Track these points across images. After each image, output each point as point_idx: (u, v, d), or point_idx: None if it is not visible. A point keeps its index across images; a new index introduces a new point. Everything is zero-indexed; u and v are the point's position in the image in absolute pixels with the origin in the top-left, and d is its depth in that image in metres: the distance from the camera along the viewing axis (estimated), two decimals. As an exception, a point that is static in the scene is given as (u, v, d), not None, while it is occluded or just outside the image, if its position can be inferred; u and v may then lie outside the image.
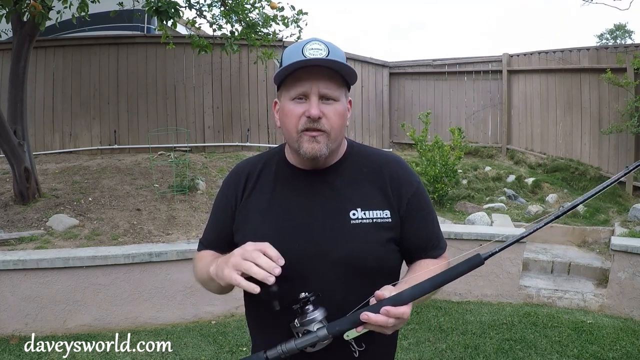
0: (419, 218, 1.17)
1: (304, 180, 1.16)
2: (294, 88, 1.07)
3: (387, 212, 1.12)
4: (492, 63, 8.48)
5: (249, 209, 1.17)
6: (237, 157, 6.89)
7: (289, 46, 1.12)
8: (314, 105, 1.05)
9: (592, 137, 6.93)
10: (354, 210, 1.11)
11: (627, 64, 6.14)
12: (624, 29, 25.48)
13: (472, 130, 8.61)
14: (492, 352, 3.25)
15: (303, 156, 1.09)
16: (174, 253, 3.82)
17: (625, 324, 3.71)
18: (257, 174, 1.20)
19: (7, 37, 6.61)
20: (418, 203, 1.17)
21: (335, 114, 1.08)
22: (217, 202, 1.26)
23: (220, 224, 1.22)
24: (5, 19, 4.62)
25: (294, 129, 1.08)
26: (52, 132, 6.92)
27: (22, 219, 4.61)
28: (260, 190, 1.18)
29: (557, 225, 5.61)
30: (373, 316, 0.93)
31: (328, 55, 1.05)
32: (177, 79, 7.20)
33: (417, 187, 1.18)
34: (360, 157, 1.20)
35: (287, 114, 1.09)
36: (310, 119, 1.05)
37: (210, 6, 5.83)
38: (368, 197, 1.13)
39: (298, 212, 1.13)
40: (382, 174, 1.16)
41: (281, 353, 0.97)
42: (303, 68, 1.05)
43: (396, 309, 0.93)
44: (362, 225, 1.10)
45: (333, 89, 1.07)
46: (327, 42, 1.08)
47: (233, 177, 1.24)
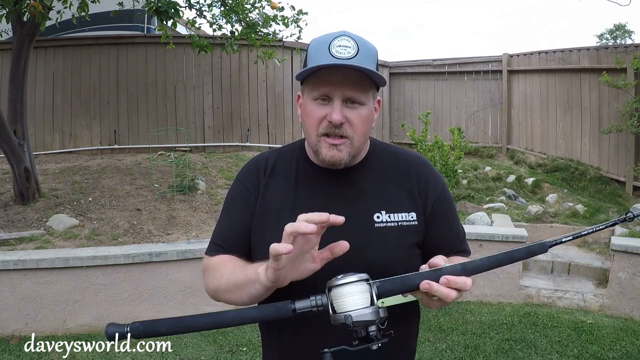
0: (444, 221, 1.11)
1: (327, 180, 1.08)
2: (317, 88, 0.99)
3: (413, 215, 1.06)
4: (492, 63, 8.48)
5: (268, 206, 1.09)
6: (237, 157, 6.89)
7: (315, 38, 1.02)
8: (336, 110, 0.97)
9: (592, 137, 6.93)
10: (378, 213, 1.05)
11: (626, 64, 6.14)
12: (624, 29, 25.49)
13: (472, 130, 8.61)
14: (492, 352, 3.25)
15: (322, 161, 1.03)
16: (174, 253, 3.82)
17: (625, 324, 3.71)
18: (272, 167, 1.13)
19: (7, 37, 6.61)
20: (444, 205, 1.11)
21: (359, 119, 1.00)
22: (233, 197, 1.15)
23: (240, 220, 1.11)
24: (5, 19, 4.63)
25: (314, 132, 1.01)
26: (52, 132, 6.92)
27: (22, 219, 4.61)
28: (279, 187, 1.10)
29: (557, 225, 5.61)
30: (435, 285, 0.82)
31: (357, 53, 0.95)
32: (177, 79, 7.20)
33: (442, 189, 1.13)
34: (385, 157, 1.13)
35: (308, 114, 1.02)
36: (332, 124, 0.98)
37: (210, 6, 5.83)
38: (394, 199, 1.07)
39: None
40: (409, 175, 1.10)
41: (313, 306, 0.83)
42: (328, 68, 0.96)
43: (459, 278, 0.83)
44: (387, 229, 1.04)
45: (359, 93, 0.98)
46: (357, 37, 0.98)
47: (252, 166, 1.15)
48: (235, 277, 0.98)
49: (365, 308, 0.80)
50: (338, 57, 0.94)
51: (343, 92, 0.97)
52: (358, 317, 0.79)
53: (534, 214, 5.87)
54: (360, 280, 0.82)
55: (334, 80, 0.97)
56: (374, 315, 0.80)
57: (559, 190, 6.64)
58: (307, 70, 0.97)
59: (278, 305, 0.85)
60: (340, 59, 0.94)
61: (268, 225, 1.07)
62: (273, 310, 0.85)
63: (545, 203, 6.33)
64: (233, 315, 0.86)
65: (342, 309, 0.81)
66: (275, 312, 0.85)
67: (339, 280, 0.82)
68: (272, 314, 0.85)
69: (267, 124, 7.67)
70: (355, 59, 0.95)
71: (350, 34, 0.98)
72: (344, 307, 0.80)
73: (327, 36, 0.98)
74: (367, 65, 0.95)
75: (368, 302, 0.81)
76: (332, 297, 0.82)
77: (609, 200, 6.25)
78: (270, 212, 1.08)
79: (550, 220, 5.80)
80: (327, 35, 0.99)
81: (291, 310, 0.83)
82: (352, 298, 0.81)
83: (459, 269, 0.84)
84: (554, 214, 5.94)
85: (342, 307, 0.81)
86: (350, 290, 0.81)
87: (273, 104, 7.68)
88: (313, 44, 1.01)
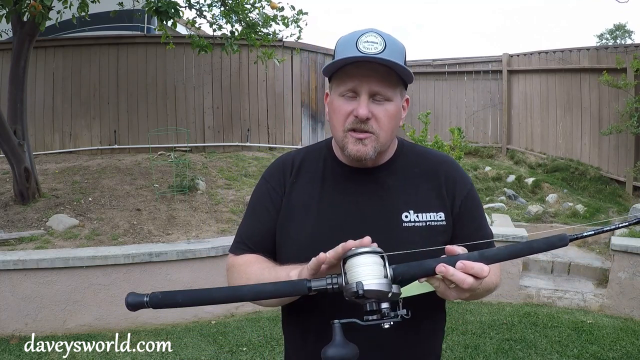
0: (471, 220, 1.10)
1: (354, 179, 1.08)
2: (344, 84, 0.99)
3: (441, 215, 1.05)
4: (492, 63, 8.48)
5: (294, 205, 1.08)
6: (237, 157, 6.89)
7: (342, 36, 1.02)
8: (362, 104, 0.97)
9: (592, 137, 6.93)
10: (406, 212, 1.04)
11: (626, 64, 6.14)
12: (624, 29, 25.51)
13: (472, 130, 8.61)
14: (492, 352, 3.25)
15: (347, 156, 1.03)
16: (174, 253, 3.82)
17: (625, 324, 3.71)
18: (298, 165, 1.13)
19: (7, 37, 6.61)
20: (471, 205, 1.10)
21: (385, 115, 0.99)
22: (258, 195, 1.15)
23: (266, 219, 1.10)
24: (5, 19, 4.62)
25: (340, 127, 1.01)
26: (52, 132, 6.92)
27: (22, 219, 4.61)
28: (305, 186, 1.10)
29: (557, 225, 5.61)
30: (451, 269, 0.80)
31: (384, 49, 0.95)
32: (177, 79, 7.20)
33: (470, 189, 1.11)
34: (413, 156, 1.13)
35: (335, 110, 1.02)
36: (358, 119, 0.98)
37: (210, 6, 5.83)
38: (422, 199, 1.06)
39: (347, 213, 1.05)
40: (437, 174, 1.09)
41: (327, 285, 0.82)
42: (355, 63, 0.96)
43: (475, 263, 0.81)
44: (415, 229, 1.03)
45: (386, 88, 0.98)
46: (385, 34, 0.98)
47: (279, 166, 1.15)
48: (264, 279, 0.98)
49: (378, 278, 0.79)
50: (365, 52, 0.94)
51: (370, 87, 0.97)
52: (369, 285, 0.77)
53: (534, 214, 5.87)
54: (374, 251, 0.81)
55: (360, 75, 0.97)
56: (387, 287, 0.78)
57: (559, 190, 6.63)
58: (334, 64, 0.97)
59: (294, 282, 0.85)
60: (367, 54, 0.94)
61: (293, 224, 1.07)
62: (288, 287, 0.85)
63: (545, 203, 6.33)
64: (249, 289, 0.86)
65: (354, 279, 0.79)
66: (290, 288, 0.85)
67: (353, 251, 0.81)
68: (288, 289, 0.85)
69: (267, 124, 7.67)
70: (383, 55, 0.94)
71: (378, 31, 0.98)
72: (356, 277, 0.79)
73: (355, 33, 0.99)
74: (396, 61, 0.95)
75: (381, 274, 0.80)
76: (346, 269, 0.81)
77: (609, 200, 6.25)
78: (296, 211, 1.08)
79: (550, 220, 5.80)
80: (355, 33, 0.99)
81: (306, 288, 0.83)
82: (364, 268, 0.79)
83: (476, 256, 0.83)
84: (554, 214, 5.94)
85: (355, 276, 0.79)
86: (363, 260, 0.80)
87: (273, 104, 7.68)
88: (340, 41, 1.01)
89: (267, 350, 3.32)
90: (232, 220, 5.06)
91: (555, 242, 0.84)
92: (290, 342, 1.15)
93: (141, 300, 0.87)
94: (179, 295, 0.87)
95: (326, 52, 8.01)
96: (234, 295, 0.87)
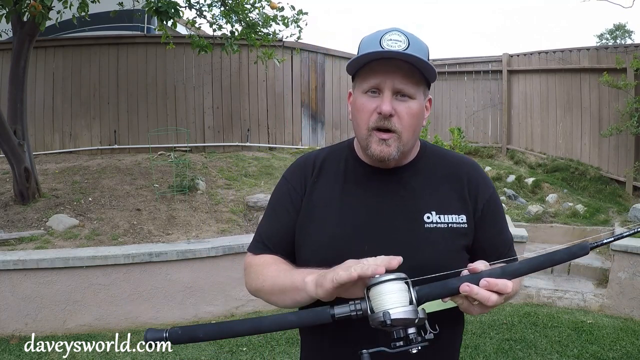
0: (493, 224, 1.09)
1: (376, 179, 1.08)
2: (367, 81, 0.99)
3: (463, 217, 1.05)
4: (492, 63, 8.48)
5: (315, 205, 1.08)
6: (237, 157, 6.89)
7: (366, 35, 1.03)
8: (386, 101, 0.97)
9: (592, 137, 6.93)
10: (428, 213, 1.03)
11: (626, 64, 6.14)
12: (623, 29, 25.50)
13: (472, 130, 8.61)
14: (492, 352, 3.25)
15: (370, 156, 1.03)
16: (174, 253, 3.82)
17: (625, 324, 3.71)
18: (319, 165, 1.12)
19: (7, 37, 6.61)
20: (493, 209, 1.10)
21: (408, 113, 0.99)
22: (278, 195, 1.15)
23: (286, 219, 1.10)
24: (5, 19, 4.62)
25: (364, 125, 1.01)
26: (52, 132, 6.92)
27: (22, 219, 4.61)
28: (327, 186, 1.10)
29: (557, 225, 5.62)
30: (476, 288, 0.81)
31: (407, 47, 0.96)
32: (177, 79, 7.20)
33: (492, 191, 1.11)
34: (435, 158, 1.13)
35: (358, 108, 1.02)
36: (382, 115, 0.97)
37: (210, 6, 5.83)
38: (444, 201, 1.05)
39: (368, 213, 1.04)
40: (459, 176, 1.09)
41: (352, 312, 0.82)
42: (378, 60, 0.97)
43: (499, 280, 0.81)
44: (437, 230, 1.02)
45: (409, 85, 0.98)
46: (408, 33, 0.99)
47: (300, 165, 1.15)
48: (280, 282, 0.98)
49: (403, 306, 0.78)
50: (389, 50, 0.95)
51: (393, 83, 0.97)
52: (396, 314, 0.77)
53: (534, 214, 5.87)
54: (398, 278, 0.80)
55: (384, 71, 0.97)
56: (413, 314, 0.78)
57: (559, 190, 6.64)
58: (357, 60, 0.98)
59: (317, 310, 0.84)
60: (391, 51, 0.95)
61: (314, 224, 1.06)
62: (312, 316, 0.85)
63: (545, 203, 6.33)
64: (272, 321, 0.85)
65: (380, 308, 0.79)
66: (314, 317, 0.84)
67: (377, 278, 0.80)
68: (311, 319, 0.84)
69: (267, 124, 7.67)
70: (407, 52, 0.95)
71: (402, 30, 0.99)
72: (382, 306, 0.79)
73: (378, 32, 0.99)
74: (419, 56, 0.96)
75: (407, 301, 0.79)
76: (371, 297, 0.81)
77: (609, 200, 6.25)
78: (317, 211, 1.07)
79: (550, 220, 5.80)
80: (378, 32, 1.00)
81: (330, 316, 0.82)
82: (390, 296, 0.79)
83: (498, 272, 0.83)
84: (554, 214, 5.94)
85: (380, 305, 0.79)
86: (388, 288, 0.79)
87: (273, 104, 7.68)
88: (364, 40, 1.02)
89: (267, 350, 3.33)
90: (232, 220, 5.06)
91: (576, 252, 0.84)
92: (306, 344, 1.15)
93: (160, 335, 0.89)
94: (199, 330, 0.86)
95: (326, 52, 8.01)
96: (257, 327, 0.86)
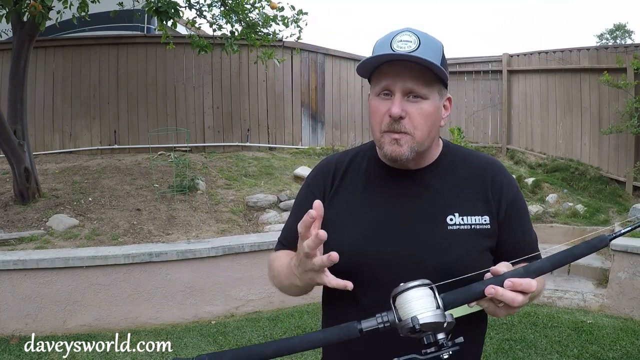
0: (517, 225, 1.09)
1: (398, 181, 1.07)
2: (379, 83, 1.00)
3: (486, 218, 1.04)
4: (492, 63, 8.48)
5: (336, 207, 1.08)
6: (237, 157, 6.89)
7: (380, 37, 1.03)
8: (396, 103, 0.97)
9: (592, 137, 6.93)
10: (451, 215, 1.02)
11: (626, 64, 6.14)
12: (624, 29, 25.52)
13: (472, 130, 8.61)
14: (492, 352, 3.25)
15: (384, 157, 1.03)
16: (174, 253, 3.82)
17: (625, 324, 3.71)
18: (344, 168, 1.13)
19: (7, 37, 6.61)
20: (517, 209, 1.09)
21: (420, 114, 0.98)
22: (301, 197, 1.16)
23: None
24: (5, 19, 4.62)
25: (377, 128, 1.01)
26: (52, 132, 6.92)
27: (22, 219, 4.61)
28: (348, 188, 1.10)
29: (557, 225, 5.62)
30: (501, 289, 0.80)
31: (418, 47, 0.95)
32: (177, 79, 7.20)
33: (516, 192, 1.10)
34: (458, 159, 1.12)
35: (372, 110, 1.03)
36: (392, 118, 0.97)
37: (210, 6, 5.83)
38: (467, 202, 1.04)
39: (390, 215, 1.04)
40: (483, 177, 1.08)
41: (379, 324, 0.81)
42: (388, 62, 0.97)
43: (523, 279, 0.81)
44: (460, 232, 1.01)
45: (420, 86, 0.97)
46: (420, 32, 0.98)
47: (322, 168, 1.16)
48: (282, 269, 1.04)
49: (431, 311, 0.78)
50: (398, 51, 0.95)
51: (403, 85, 0.97)
52: (425, 319, 0.77)
53: (534, 214, 5.87)
54: (422, 284, 0.81)
55: (393, 73, 0.97)
56: (441, 317, 0.78)
57: (559, 190, 6.64)
58: (366, 64, 0.99)
59: (343, 326, 0.84)
60: (398, 52, 0.95)
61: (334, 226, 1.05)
62: (338, 332, 0.84)
63: (545, 203, 6.33)
64: (298, 341, 0.85)
65: (408, 315, 0.79)
66: (341, 333, 0.84)
67: (402, 287, 0.81)
68: (338, 335, 0.84)
69: (267, 124, 7.67)
70: (416, 53, 0.95)
71: (414, 30, 0.99)
72: (410, 312, 0.79)
73: (391, 33, 0.99)
74: (430, 59, 0.94)
75: (434, 305, 0.79)
76: (398, 306, 0.81)
77: (609, 200, 6.25)
78: (339, 211, 1.08)
79: (550, 220, 5.80)
80: (391, 33, 1.00)
81: (358, 331, 0.82)
82: (417, 302, 0.79)
83: (521, 272, 0.83)
84: (554, 214, 5.94)
85: (408, 312, 0.79)
86: (414, 295, 0.80)
87: (273, 104, 7.68)
88: (377, 42, 1.02)
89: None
90: (232, 220, 5.06)
91: (596, 244, 0.84)
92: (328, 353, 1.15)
93: None
94: (226, 355, 0.85)
95: (326, 52, 8.01)
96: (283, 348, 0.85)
